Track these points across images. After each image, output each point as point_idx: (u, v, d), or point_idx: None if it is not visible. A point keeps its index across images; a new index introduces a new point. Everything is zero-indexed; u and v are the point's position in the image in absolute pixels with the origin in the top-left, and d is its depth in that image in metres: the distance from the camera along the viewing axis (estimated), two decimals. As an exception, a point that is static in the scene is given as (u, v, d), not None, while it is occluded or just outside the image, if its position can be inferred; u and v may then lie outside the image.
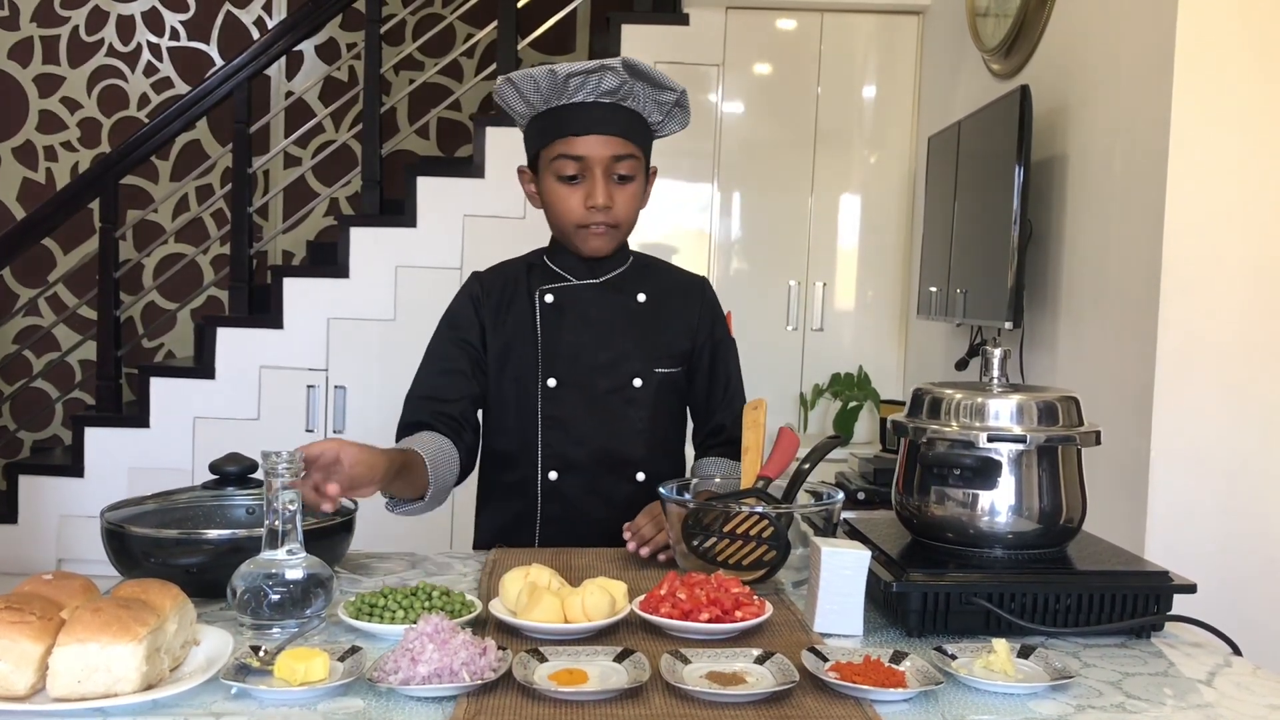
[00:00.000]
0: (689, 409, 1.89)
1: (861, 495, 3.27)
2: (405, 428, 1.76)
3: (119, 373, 4.40)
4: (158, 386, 4.25)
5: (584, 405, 1.74)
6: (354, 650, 1.15)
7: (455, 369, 1.77)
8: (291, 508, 1.25)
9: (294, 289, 4.22)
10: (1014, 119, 2.73)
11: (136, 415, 4.27)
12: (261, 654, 1.12)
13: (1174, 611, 1.32)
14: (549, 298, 1.76)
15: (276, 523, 1.24)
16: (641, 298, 1.79)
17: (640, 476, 1.76)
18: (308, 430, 4.22)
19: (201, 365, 4.26)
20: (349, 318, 4.22)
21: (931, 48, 4.10)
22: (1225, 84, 2.24)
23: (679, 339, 1.81)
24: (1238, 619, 2.25)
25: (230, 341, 4.23)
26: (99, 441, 4.26)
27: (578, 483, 1.73)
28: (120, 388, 4.41)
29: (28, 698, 1.03)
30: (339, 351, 4.23)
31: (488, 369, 1.79)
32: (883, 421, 3.84)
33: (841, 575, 1.29)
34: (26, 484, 4.26)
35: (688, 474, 1.85)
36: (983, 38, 3.32)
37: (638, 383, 1.76)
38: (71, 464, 4.29)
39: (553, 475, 1.75)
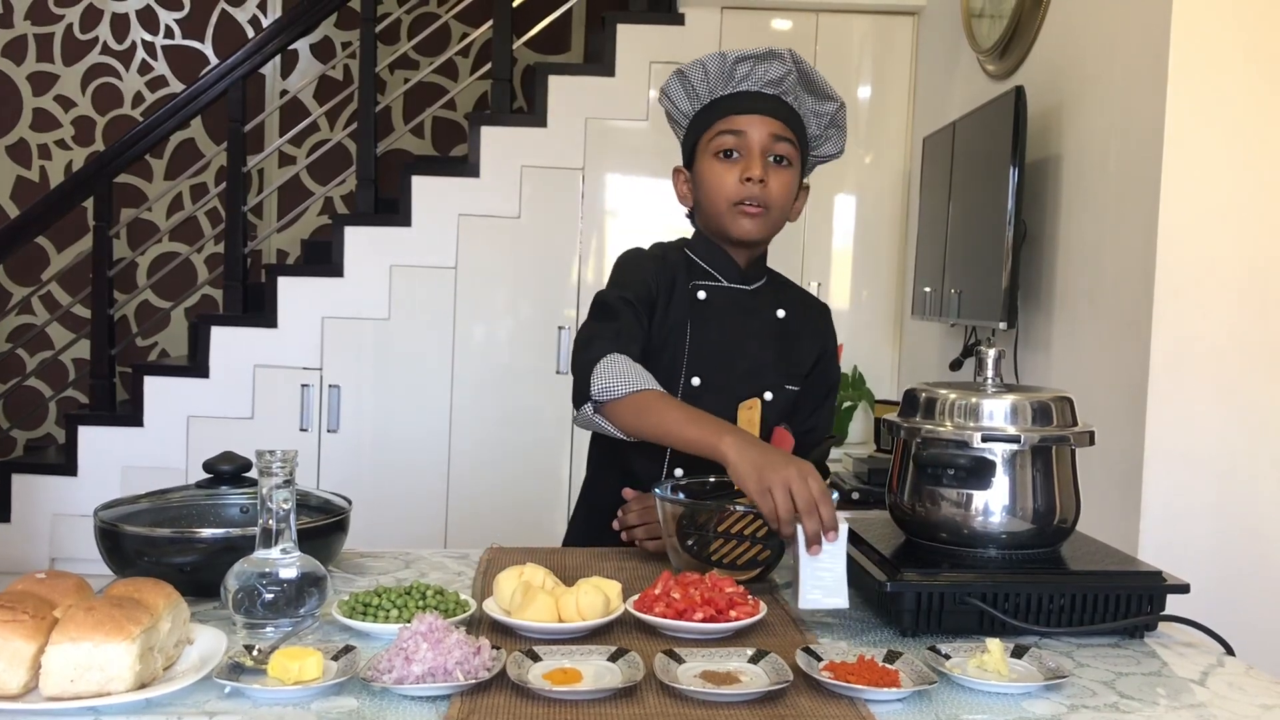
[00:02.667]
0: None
1: (855, 495, 3.27)
2: (603, 337, 1.63)
3: (113, 371, 4.39)
4: (151, 385, 4.23)
5: (718, 409, 1.67)
6: (348, 649, 1.14)
7: (640, 313, 1.69)
8: (285, 506, 1.24)
9: (288, 288, 4.22)
10: (1009, 120, 2.74)
11: (130, 414, 4.26)
12: (255, 653, 1.12)
13: (1168, 611, 1.32)
14: (701, 294, 1.76)
15: (270, 521, 1.24)
16: (781, 314, 1.80)
17: None
18: (302, 429, 4.21)
19: (195, 364, 4.26)
20: (343, 317, 4.22)
21: (927, 48, 4.11)
22: (1219, 85, 2.25)
23: (804, 360, 1.81)
24: (1231, 618, 2.25)
25: (224, 340, 4.22)
26: (92, 440, 4.25)
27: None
28: (114, 387, 4.41)
29: (20, 697, 1.03)
30: (333, 351, 4.22)
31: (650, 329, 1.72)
32: (877, 422, 3.84)
33: (824, 547, 1.29)
34: (19, 483, 4.25)
35: None
36: (978, 38, 3.33)
37: (768, 396, 1.75)
38: (65, 463, 4.28)
39: (679, 471, 1.74)
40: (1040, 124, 2.88)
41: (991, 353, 1.40)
